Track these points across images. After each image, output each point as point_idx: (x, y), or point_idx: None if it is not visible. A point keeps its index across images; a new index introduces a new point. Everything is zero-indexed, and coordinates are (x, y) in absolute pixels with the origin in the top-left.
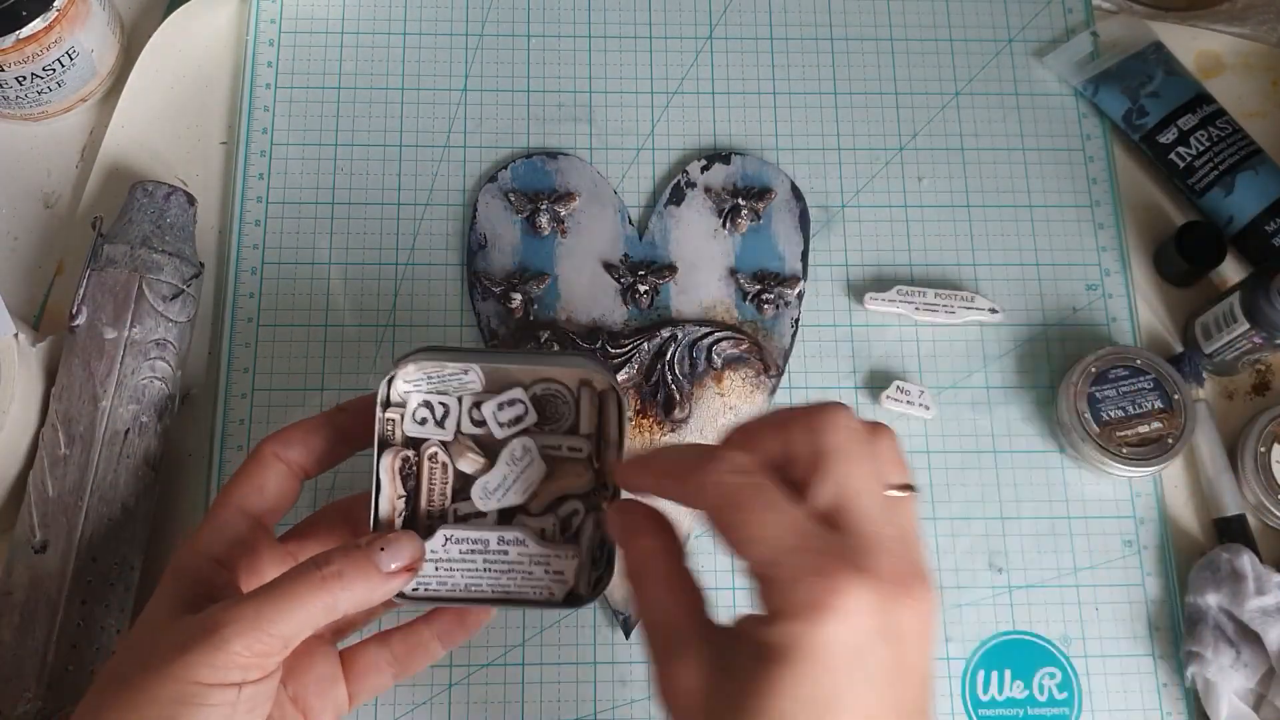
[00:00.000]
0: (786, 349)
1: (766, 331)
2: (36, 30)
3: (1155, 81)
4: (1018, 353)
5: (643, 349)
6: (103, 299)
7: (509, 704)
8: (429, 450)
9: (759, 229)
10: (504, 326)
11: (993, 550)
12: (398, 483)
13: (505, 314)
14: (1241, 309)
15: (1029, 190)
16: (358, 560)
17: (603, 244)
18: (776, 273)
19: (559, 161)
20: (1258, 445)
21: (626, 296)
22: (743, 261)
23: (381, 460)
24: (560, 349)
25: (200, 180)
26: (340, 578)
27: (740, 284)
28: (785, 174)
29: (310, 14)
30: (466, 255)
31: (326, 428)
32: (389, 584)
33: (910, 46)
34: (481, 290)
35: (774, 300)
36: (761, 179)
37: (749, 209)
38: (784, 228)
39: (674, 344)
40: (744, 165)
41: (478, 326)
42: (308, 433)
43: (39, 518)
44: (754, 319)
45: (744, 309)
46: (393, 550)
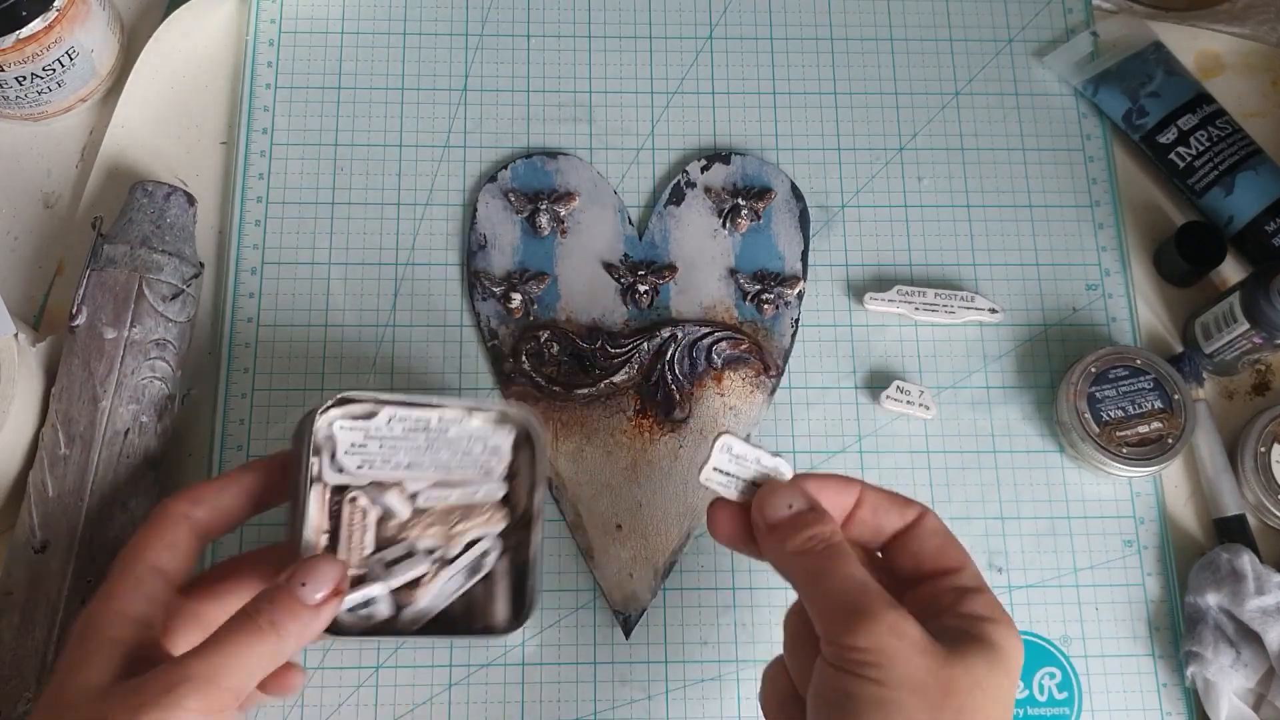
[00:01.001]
0: (786, 349)
1: (766, 331)
2: (36, 30)
3: (1155, 81)
4: (1018, 353)
5: (642, 349)
6: (103, 299)
7: (509, 704)
8: (350, 496)
9: (759, 229)
10: (504, 326)
11: (993, 550)
12: (325, 514)
13: (505, 314)
14: (1241, 309)
15: (1029, 190)
16: (284, 602)
17: (602, 244)
18: (776, 272)
19: (559, 161)
20: (1258, 445)
21: (626, 296)
22: (742, 261)
23: (312, 489)
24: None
25: (200, 180)
26: (274, 626)
27: (740, 284)
28: (785, 174)
29: (310, 14)
30: (466, 255)
31: (234, 486)
32: (320, 615)
33: (910, 46)
34: (482, 290)
35: (774, 300)
36: (761, 179)
37: (749, 209)
38: (784, 228)
39: (674, 344)
40: (744, 165)
41: (477, 327)
42: (217, 491)
43: (39, 518)
44: (754, 319)
45: (744, 309)
46: (314, 579)
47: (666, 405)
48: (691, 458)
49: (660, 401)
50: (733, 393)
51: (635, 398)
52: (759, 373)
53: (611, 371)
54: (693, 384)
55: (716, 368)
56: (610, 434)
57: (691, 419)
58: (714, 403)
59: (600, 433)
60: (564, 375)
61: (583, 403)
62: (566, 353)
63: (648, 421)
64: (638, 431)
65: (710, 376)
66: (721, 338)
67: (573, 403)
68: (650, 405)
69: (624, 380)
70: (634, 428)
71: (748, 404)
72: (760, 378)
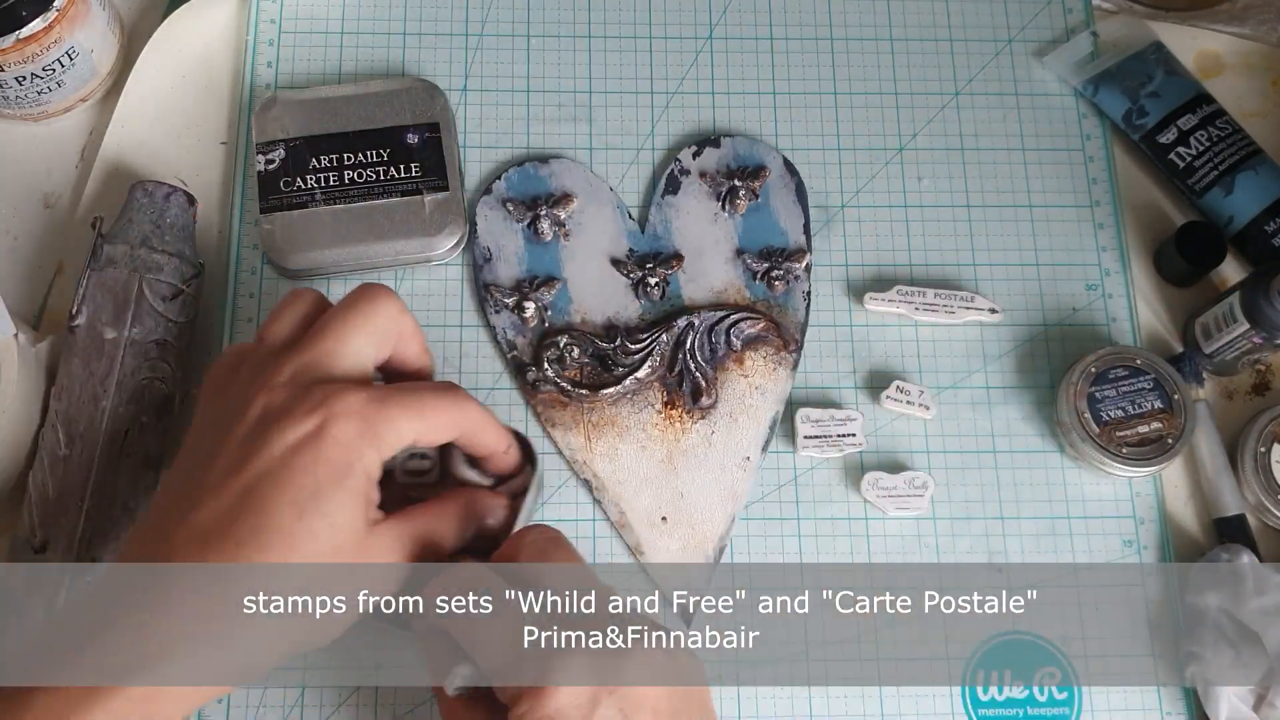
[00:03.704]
0: (803, 322)
1: (780, 308)
2: (36, 30)
3: (1155, 81)
4: (1018, 353)
5: (662, 340)
6: (103, 299)
7: None
8: None
9: (758, 208)
10: (521, 336)
11: (993, 550)
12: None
13: (520, 324)
14: (1241, 309)
15: (1029, 190)
16: None
17: (606, 241)
18: (782, 248)
19: (551, 165)
20: (1258, 445)
21: (638, 290)
22: (746, 241)
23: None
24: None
25: (200, 180)
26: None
27: (748, 264)
28: (777, 150)
29: (310, 14)
30: (473, 270)
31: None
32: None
33: (910, 46)
34: (494, 303)
35: (783, 276)
36: (754, 158)
37: (746, 189)
38: (783, 203)
39: (692, 332)
40: (734, 146)
41: (493, 341)
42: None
43: (39, 518)
44: (766, 297)
45: (755, 288)
46: None
47: (693, 393)
48: (725, 442)
49: (687, 391)
50: (756, 372)
51: (661, 390)
52: (779, 349)
53: (634, 367)
54: (716, 369)
55: (737, 349)
56: (642, 429)
57: (719, 403)
58: (739, 384)
59: (632, 429)
60: (588, 377)
61: (610, 402)
62: (587, 354)
63: (677, 412)
64: (668, 423)
65: (732, 359)
66: (738, 319)
67: (600, 403)
68: (677, 395)
69: (648, 374)
70: (664, 420)
71: (772, 381)
72: (781, 354)
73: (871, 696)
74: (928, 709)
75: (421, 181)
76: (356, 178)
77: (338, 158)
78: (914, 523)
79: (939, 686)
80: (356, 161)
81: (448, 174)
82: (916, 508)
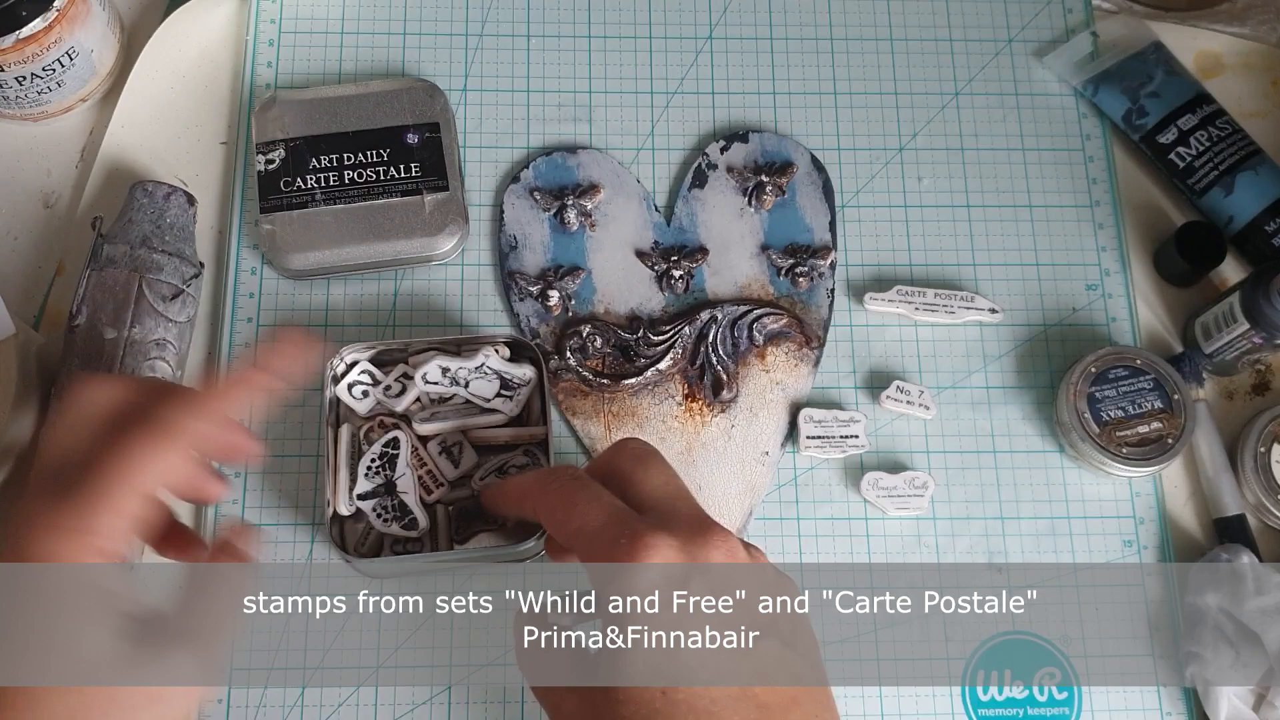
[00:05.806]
0: (826, 319)
1: (803, 304)
2: (36, 30)
3: (1155, 81)
4: (1018, 353)
5: (684, 333)
6: (103, 299)
7: (509, 704)
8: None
9: (784, 203)
10: (544, 325)
11: (993, 550)
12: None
13: (544, 312)
14: (1241, 309)
15: (1029, 190)
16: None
17: (632, 233)
18: (807, 245)
19: (579, 156)
20: (1258, 445)
21: (662, 283)
22: (772, 237)
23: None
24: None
25: (200, 180)
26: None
27: (772, 260)
28: (804, 146)
29: (310, 14)
30: (499, 257)
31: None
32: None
33: (910, 46)
34: (518, 291)
35: (807, 272)
36: (782, 154)
37: (772, 185)
38: (809, 200)
39: (715, 325)
40: (763, 142)
41: (517, 328)
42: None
43: None
44: (790, 293)
45: (779, 284)
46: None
47: (714, 387)
48: (744, 436)
49: (708, 384)
50: (778, 368)
51: (682, 382)
52: (801, 345)
53: (656, 359)
54: (737, 363)
55: (759, 345)
56: (662, 421)
57: (740, 398)
58: (760, 379)
59: (652, 420)
60: (610, 367)
61: (631, 393)
62: (610, 344)
63: (697, 405)
64: (688, 416)
65: (754, 354)
66: (761, 314)
67: (622, 393)
68: (698, 388)
69: (669, 366)
70: (684, 412)
71: (794, 377)
72: (803, 350)
73: (871, 696)
74: (928, 709)
75: (421, 181)
76: (356, 178)
77: (338, 158)
78: (914, 523)
79: (939, 686)
80: (356, 161)
81: (447, 174)
82: (916, 508)
